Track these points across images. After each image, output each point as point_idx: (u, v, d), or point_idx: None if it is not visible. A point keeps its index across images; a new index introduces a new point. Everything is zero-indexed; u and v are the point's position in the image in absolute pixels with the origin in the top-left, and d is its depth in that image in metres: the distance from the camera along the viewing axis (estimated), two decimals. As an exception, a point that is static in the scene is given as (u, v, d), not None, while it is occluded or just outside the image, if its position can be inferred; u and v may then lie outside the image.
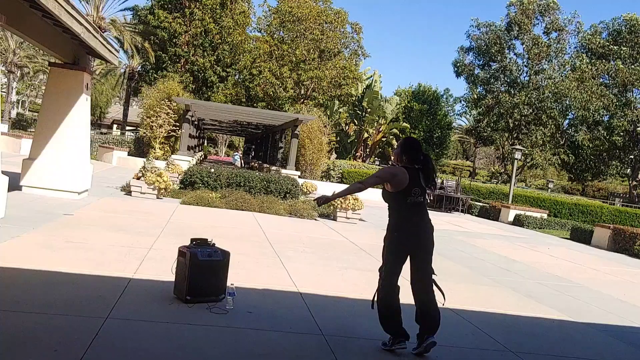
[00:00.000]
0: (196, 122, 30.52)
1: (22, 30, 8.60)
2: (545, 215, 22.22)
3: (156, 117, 24.11)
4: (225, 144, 74.15)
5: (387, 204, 4.56)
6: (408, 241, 4.45)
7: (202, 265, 4.94)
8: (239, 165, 22.46)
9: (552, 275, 9.80)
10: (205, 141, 53.05)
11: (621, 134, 35.94)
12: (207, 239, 5.29)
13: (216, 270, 5.07)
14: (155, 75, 34.91)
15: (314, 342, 4.53)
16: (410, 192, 4.39)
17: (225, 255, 5.19)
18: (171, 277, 5.27)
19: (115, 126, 59.13)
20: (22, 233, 7.06)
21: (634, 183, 39.21)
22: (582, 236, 17.68)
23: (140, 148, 26.76)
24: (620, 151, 37.18)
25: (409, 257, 4.52)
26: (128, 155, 25.86)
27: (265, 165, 29.92)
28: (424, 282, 4.52)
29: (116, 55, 12.57)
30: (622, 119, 35.59)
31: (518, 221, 20.77)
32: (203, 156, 38.14)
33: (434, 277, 4.58)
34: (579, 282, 9.42)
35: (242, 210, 13.00)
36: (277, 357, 4.16)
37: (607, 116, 37.20)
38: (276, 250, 8.36)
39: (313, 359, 4.23)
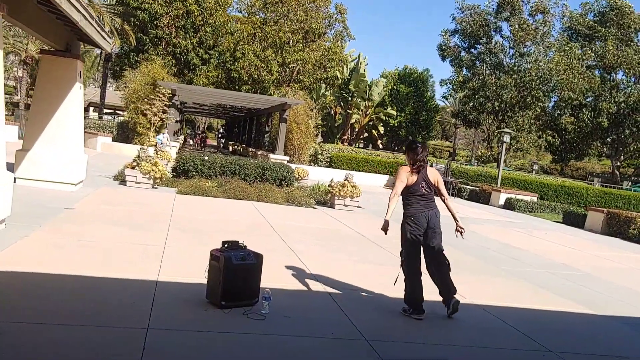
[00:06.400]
0: (179, 106, 29.98)
1: (21, 20, 8.19)
2: (535, 199, 22.41)
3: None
4: (204, 125, 73.35)
5: (401, 196, 5.40)
6: (418, 224, 5.29)
7: (237, 270, 4.77)
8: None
9: (559, 264, 9.84)
10: (184, 124, 52.17)
11: (606, 115, 36.18)
12: (238, 241, 5.11)
13: (250, 274, 4.92)
14: (136, 58, 34.10)
15: (360, 350, 4.41)
16: (419, 185, 5.30)
17: (258, 258, 5.02)
18: (195, 279, 5.17)
19: (92, 109, 57.79)
20: (29, 232, 6.78)
21: (617, 164, 39.77)
22: (575, 220, 17.85)
23: (124, 133, 26.18)
24: (604, 132, 37.49)
25: (422, 239, 5.34)
26: (112, 141, 25.28)
27: (250, 149, 29.56)
28: (436, 259, 5.42)
29: (109, 42, 12.12)
30: (609, 101, 35.79)
31: (509, 205, 20.90)
32: (184, 140, 37.49)
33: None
34: (588, 271, 9.47)
35: (241, 199, 12.77)
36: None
37: (592, 98, 37.39)
38: (288, 244, 8.20)
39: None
